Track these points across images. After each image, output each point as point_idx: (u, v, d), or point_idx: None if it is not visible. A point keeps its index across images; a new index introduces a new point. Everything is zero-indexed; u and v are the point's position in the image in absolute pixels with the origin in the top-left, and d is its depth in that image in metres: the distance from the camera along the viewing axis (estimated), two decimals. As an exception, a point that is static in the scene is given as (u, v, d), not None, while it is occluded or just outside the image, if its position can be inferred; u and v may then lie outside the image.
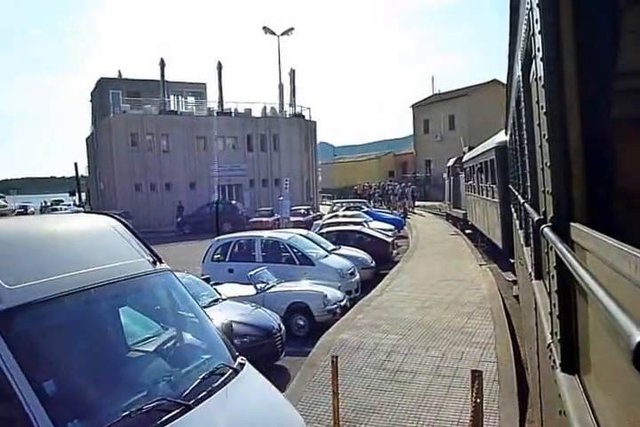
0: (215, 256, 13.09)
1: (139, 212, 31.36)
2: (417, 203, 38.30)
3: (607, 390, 1.23)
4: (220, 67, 38.08)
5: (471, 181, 18.70)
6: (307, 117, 42.10)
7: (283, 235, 13.42)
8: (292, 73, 41.97)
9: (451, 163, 25.11)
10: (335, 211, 27.70)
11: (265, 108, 39.75)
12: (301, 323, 10.23)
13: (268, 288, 10.54)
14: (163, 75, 36.06)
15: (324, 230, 16.91)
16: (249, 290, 10.47)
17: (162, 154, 34.32)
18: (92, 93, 41.96)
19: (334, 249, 14.20)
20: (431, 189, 45.97)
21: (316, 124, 43.35)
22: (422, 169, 50.09)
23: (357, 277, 12.80)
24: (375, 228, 20.60)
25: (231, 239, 13.54)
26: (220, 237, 13.97)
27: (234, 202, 31.94)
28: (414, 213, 34.08)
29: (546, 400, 2.60)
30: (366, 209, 25.58)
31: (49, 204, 54.15)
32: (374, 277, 14.10)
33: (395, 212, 32.64)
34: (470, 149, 20.46)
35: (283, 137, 39.02)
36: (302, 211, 29.25)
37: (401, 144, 58.14)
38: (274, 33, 26.49)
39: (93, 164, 40.77)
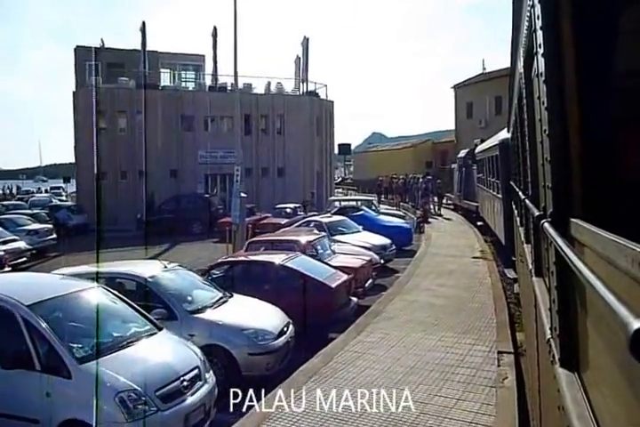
0: None
1: (101, 204, 26.05)
2: (447, 200, 31.16)
3: (605, 386, 1.21)
4: (215, 34, 32.08)
5: (481, 175, 18.07)
6: (322, 96, 35.61)
7: (27, 290, 6.07)
8: (306, 42, 35.44)
9: (462, 154, 25.50)
10: (329, 211, 21.49)
11: (269, 83, 33.55)
12: None
13: None
14: (144, 42, 30.28)
15: (230, 259, 10.51)
16: None
17: (136, 136, 28.75)
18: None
19: (208, 306, 7.58)
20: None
21: (333, 104, 36.76)
22: (463, 159, 42.92)
23: (200, 394, 5.62)
24: (360, 244, 14.25)
25: None
26: None
27: (207, 195, 26.02)
28: (439, 216, 26.99)
29: (545, 395, 2.55)
30: (362, 212, 19.00)
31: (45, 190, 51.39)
32: (288, 364, 7.31)
33: (418, 211, 26.32)
34: (482, 141, 20.08)
35: (290, 118, 32.75)
36: (289, 210, 23.06)
37: (458, 134, 50.15)
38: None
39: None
